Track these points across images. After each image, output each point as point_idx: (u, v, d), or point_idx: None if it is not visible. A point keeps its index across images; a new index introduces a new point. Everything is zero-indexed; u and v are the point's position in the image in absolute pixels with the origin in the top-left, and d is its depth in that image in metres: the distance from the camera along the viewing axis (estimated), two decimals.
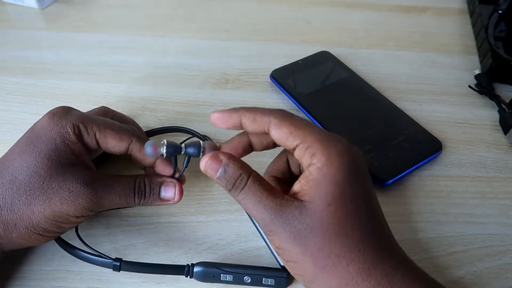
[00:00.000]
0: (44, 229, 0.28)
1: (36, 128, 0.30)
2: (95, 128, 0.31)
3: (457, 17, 0.59)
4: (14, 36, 0.53)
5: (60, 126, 0.30)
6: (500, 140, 0.42)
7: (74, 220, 0.29)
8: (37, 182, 0.28)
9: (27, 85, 0.46)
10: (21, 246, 0.30)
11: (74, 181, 0.28)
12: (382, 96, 0.44)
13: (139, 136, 0.32)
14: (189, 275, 0.30)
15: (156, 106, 0.44)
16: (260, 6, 0.60)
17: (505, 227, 0.35)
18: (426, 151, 0.39)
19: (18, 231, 0.28)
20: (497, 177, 0.39)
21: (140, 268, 0.30)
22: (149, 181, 0.31)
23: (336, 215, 0.24)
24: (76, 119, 0.31)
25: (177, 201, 0.32)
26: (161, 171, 0.33)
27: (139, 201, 0.31)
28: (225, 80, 0.48)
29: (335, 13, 0.59)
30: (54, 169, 0.28)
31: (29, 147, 0.29)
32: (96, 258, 0.30)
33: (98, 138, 0.31)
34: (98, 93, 0.46)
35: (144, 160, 0.33)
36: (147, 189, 0.31)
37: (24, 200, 0.28)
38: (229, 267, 0.30)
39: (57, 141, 0.29)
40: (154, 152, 0.29)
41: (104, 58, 0.50)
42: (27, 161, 0.28)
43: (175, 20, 0.57)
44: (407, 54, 0.52)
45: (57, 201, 0.28)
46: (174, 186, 0.32)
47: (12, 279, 0.31)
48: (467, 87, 0.47)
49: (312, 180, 0.25)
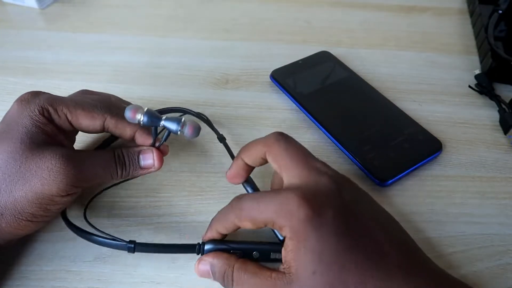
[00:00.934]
0: (31, 214, 0.28)
1: (7, 117, 0.30)
2: (65, 109, 0.31)
3: (457, 17, 0.59)
4: (14, 36, 0.53)
5: (28, 109, 0.30)
6: (500, 140, 0.42)
7: (59, 200, 0.28)
8: (14, 167, 0.28)
9: (27, 85, 0.46)
10: (13, 236, 0.29)
11: (51, 158, 0.28)
12: (382, 96, 0.44)
13: (113, 112, 0.32)
14: (200, 253, 0.30)
15: (156, 106, 0.44)
16: (260, 6, 0.60)
17: (505, 227, 0.35)
18: (426, 151, 0.39)
19: (6, 220, 0.28)
20: (497, 177, 0.39)
21: (153, 249, 0.30)
22: (126, 151, 0.32)
23: (323, 280, 0.24)
24: (44, 101, 0.30)
25: (158, 167, 0.32)
26: (141, 143, 0.33)
27: (121, 172, 0.31)
28: (225, 80, 0.48)
29: (335, 13, 0.59)
30: (29, 151, 0.28)
31: (2, 136, 0.29)
32: (111, 241, 0.30)
33: (70, 119, 0.31)
34: None
35: (123, 134, 0.33)
36: (126, 159, 0.31)
37: (5, 187, 0.27)
38: (237, 243, 0.30)
39: (27, 125, 0.29)
40: (132, 117, 0.30)
41: (104, 58, 0.50)
42: (1, 149, 0.28)
43: (175, 20, 0.57)
44: (407, 54, 0.52)
45: (38, 182, 0.27)
46: (151, 152, 0.32)
47: (12, 279, 0.31)
48: (467, 87, 0.47)
49: (290, 251, 0.25)
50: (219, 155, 0.40)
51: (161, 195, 0.36)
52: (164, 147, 0.33)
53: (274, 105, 0.45)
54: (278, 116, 0.44)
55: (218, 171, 0.38)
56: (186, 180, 0.38)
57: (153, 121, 0.30)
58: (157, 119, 0.30)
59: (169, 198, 0.36)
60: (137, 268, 0.32)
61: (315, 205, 0.25)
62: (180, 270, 0.32)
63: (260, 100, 0.46)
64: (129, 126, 0.32)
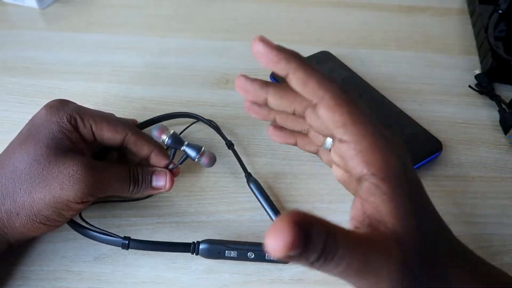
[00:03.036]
0: (45, 217, 0.29)
1: (34, 120, 0.31)
2: (91, 120, 0.32)
3: (457, 17, 0.59)
4: (14, 36, 0.53)
5: (57, 116, 0.31)
6: (500, 140, 0.42)
7: (74, 206, 0.29)
8: (37, 169, 0.28)
9: (27, 85, 0.46)
10: (24, 236, 0.30)
11: (73, 165, 0.29)
12: (382, 96, 0.44)
13: (135, 130, 0.34)
14: (195, 252, 0.31)
15: (156, 106, 0.44)
16: (260, 6, 0.60)
17: (505, 227, 0.35)
18: (426, 151, 0.39)
19: (21, 220, 0.28)
20: (497, 177, 0.39)
21: (147, 246, 0.31)
22: (141, 169, 0.33)
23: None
24: (73, 110, 0.31)
25: (168, 189, 0.34)
26: (155, 163, 0.34)
27: (133, 188, 0.32)
28: (225, 80, 0.48)
29: (335, 13, 0.59)
30: (53, 156, 0.29)
31: (28, 138, 0.30)
32: (105, 237, 0.30)
33: (94, 130, 0.32)
34: (98, 93, 0.46)
35: (139, 152, 0.34)
36: (139, 177, 0.33)
37: (25, 188, 0.28)
38: (233, 243, 0.31)
39: (54, 130, 0.30)
40: (158, 136, 0.33)
41: (104, 58, 0.50)
42: (26, 151, 0.29)
43: (175, 20, 0.57)
44: (407, 54, 0.52)
45: (57, 187, 0.28)
46: (165, 175, 0.33)
47: (13, 279, 0.31)
48: (467, 87, 0.47)
49: (382, 201, 0.21)
50: (219, 155, 0.40)
51: (161, 195, 0.36)
52: (176, 169, 0.35)
53: None
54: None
55: (218, 171, 0.38)
56: (186, 180, 0.38)
57: (176, 144, 0.33)
58: (180, 143, 0.33)
59: (169, 198, 0.36)
60: (137, 268, 0.32)
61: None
62: (180, 270, 0.32)
63: None
64: (147, 145, 0.34)
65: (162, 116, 0.41)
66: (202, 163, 0.34)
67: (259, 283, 0.31)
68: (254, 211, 0.36)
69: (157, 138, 0.33)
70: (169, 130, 0.33)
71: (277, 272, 0.32)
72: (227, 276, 0.32)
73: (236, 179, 0.38)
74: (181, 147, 0.33)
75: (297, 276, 0.32)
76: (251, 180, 0.36)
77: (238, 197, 0.37)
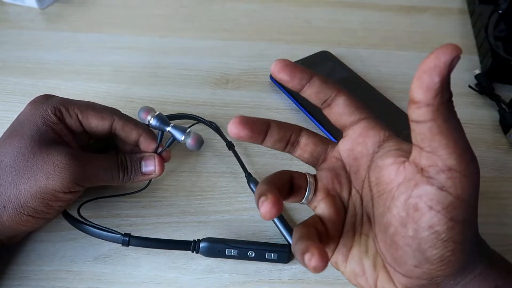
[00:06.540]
0: (33, 209, 0.28)
1: (20, 116, 0.32)
2: (77, 109, 0.32)
3: (457, 17, 0.59)
4: (14, 36, 0.53)
5: (41, 109, 0.31)
6: (500, 140, 0.42)
7: (62, 196, 0.29)
8: (22, 161, 0.28)
9: (27, 85, 0.46)
10: (14, 232, 0.30)
11: (58, 155, 0.29)
12: (382, 96, 0.44)
13: (121, 115, 0.34)
14: (195, 250, 0.31)
15: (156, 106, 0.44)
16: (260, 6, 0.60)
17: (505, 227, 0.35)
18: None
19: (8, 213, 0.28)
20: (497, 177, 0.39)
21: (148, 243, 0.31)
22: (129, 157, 0.33)
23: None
24: (57, 102, 0.32)
25: (158, 174, 0.33)
26: (145, 148, 0.34)
27: (123, 176, 0.32)
28: (225, 80, 0.48)
29: (335, 13, 0.59)
30: (37, 147, 0.29)
31: (12, 133, 0.30)
32: (106, 233, 0.30)
33: (81, 119, 0.32)
34: (98, 93, 0.46)
35: (128, 138, 0.34)
36: (128, 164, 0.32)
37: (10, 180, 0.28)
38: (233, 242, 0.31)
39: (39, 123, 0.30)
40: (144, 117, 0.33)
41: (104, 58, 0.50)
42: (11, 144, 0.29)
43: (175, 20, 0.57)
44: (407, 54, 0.52)
45: (43, 177, 0.28)
46: (153, 159, 0.33)
47: (13, 279, 0.31)
48: (467, 87, 0.47)
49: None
50: (220, 155, 0.40)
51: (161, 195, 0.36)
52: (166, 153, 0.34)
53: (274, 105, 0.45)
54: (278, 116, 0.44)
55: (218, 171, 0.38)
56: (186, 180, 0.38)
57: (161, 125, 0.32)
58: (165, 124, 0.33)
59: (169, 198, 0.36)
60: (137, 268, 0.32)
61: None
62: (180, 270, 0.32)
63: (260, 100, 0.46)
64: (135, 129, 0.33)
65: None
66: (188, 145, 0.33)
67: (259, 283, 0.31)
68: (254, 211, 0.36)
69: (143, 119, 0.33)
70: (155, 111, 0.33)
71: (277, 272, 0.32)
72: (227, 276, 0.32)
73: (236, 179, 0.38)
74: (166, 128, 0.33)
75: (297, 276, 0.32)
76: (251, 180, 0.36)
77: (238, 197, 0.37)
